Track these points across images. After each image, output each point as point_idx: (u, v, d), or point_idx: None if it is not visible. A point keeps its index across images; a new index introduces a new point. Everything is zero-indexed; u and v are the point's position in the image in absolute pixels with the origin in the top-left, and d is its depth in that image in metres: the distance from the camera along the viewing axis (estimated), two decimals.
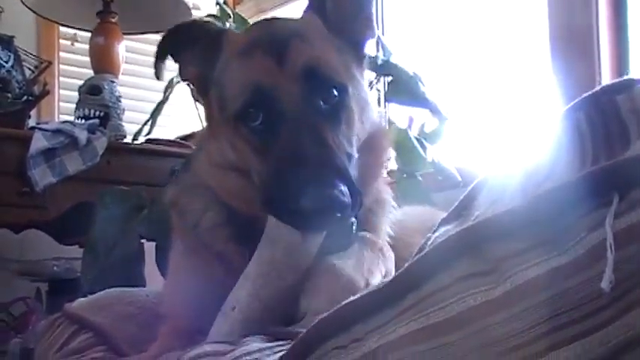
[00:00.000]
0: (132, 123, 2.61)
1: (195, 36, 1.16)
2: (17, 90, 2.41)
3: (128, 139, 2.52)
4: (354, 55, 1.14)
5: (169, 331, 1.10)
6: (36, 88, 2.52)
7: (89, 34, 2.68)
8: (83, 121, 2.43)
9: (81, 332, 1.20)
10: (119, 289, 1.35)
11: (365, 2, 1.16)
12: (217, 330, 0.99)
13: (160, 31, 2.91)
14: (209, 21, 1.19)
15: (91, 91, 2.51)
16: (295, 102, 1.02)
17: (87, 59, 2.69)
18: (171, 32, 1.17)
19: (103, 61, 2.59)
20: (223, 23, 2.14)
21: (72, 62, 3.22)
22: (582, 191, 0.54)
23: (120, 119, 2.53)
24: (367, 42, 1.19)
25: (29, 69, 2.56)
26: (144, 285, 1.80)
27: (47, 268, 2.61)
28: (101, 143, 2.34)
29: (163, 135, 2.59)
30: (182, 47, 1.16)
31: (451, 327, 0.57)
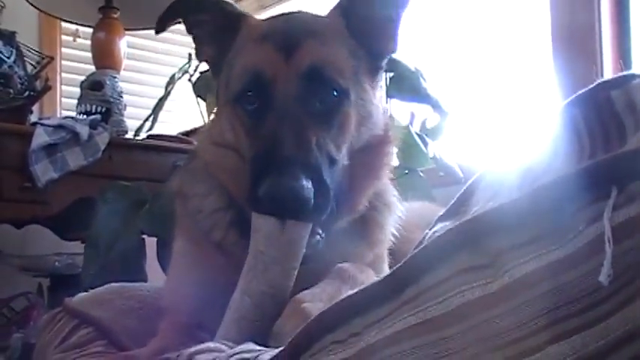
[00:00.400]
0: (133, 118, 2.60)
1: (211, 11, 1.17)
2: (19, 85, 2.41)
3: (130, 135, 2.52)
4: (370, 65, 1.14)
5: (169, 327, 1.10)
6: (38, 84, 2.52)
7: (91, 30, 2.68)
8: (85, 117, 2.43)
9: (81, 327, 1.20)
10: (120, 284, 1.35)
11: (394, 18, 1.16)
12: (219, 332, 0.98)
13: None
14: (231, 3, 1.19)
15: (93, 87, 2.50)
16: (289, 96, 1.03)
17: (89, 55, 2.69)
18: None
19: (105, 57, 2.59)
20: None
21: (74, 58, 3.22)
22: (580, 185, 0.54)
23: (121, 115, 2.52)
24: (388, 55, 1.19)
25: (31, 64, 2.56)
26: (145, 280, 1.80)
27: (49, 264, 2.62)
28: (103, 139, 2.34)
29: (165, 131, 2.59)
30: (194, 16, 1.18)
31: (449, 321, 0.57)
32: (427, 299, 0.59)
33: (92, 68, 2.63)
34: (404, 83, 1.96)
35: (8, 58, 2.45)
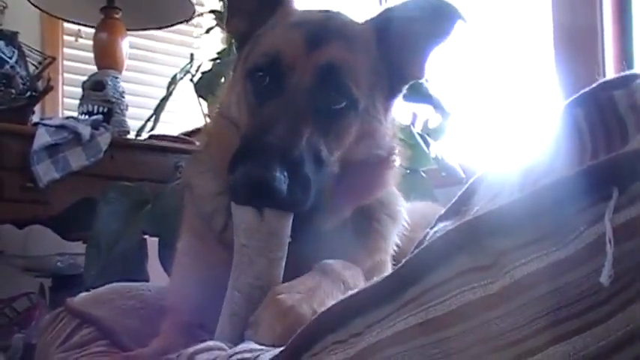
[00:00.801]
0: (135, 119, 2.61)
1: None
2: (21, 86, 2.42)
3: (131, 135, 2.52)
4: (390, 85, 1.13)
5: (171, 326, 1.10)
6: (40, 84, 2.52)
7: (93, 30, 2.69)
8: (87, 117, 2.44)
9: (83, 327, 1.20)
10: (121, 284, 1.35)
11: (427, 48, 1.16)
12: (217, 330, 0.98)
13: (164, 27, 2.94)
14: None
15: (95, 87, 2.51)
16: (300, 87, 1.03)
17: (91, 55, 2.69)
18: None
19: (107, 57, 2.60)
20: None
21: (76, 58, 3.22)
22: (581, 185, 0.54)
23: (123, 115, 2.53)
24: (411, 81, 1.19)
25: (33, 65, 2.56)
26: (147, 280, 1.80)
27: (51, 264, 2.62)
28: (104, 139, 2.35)
29: (167, 131, 2.60)
30: None
31: (451, 321, 0.57)
32: (428, 299, 0.59)
33: (94, 68, 2.64)
34: None
35: (10, 59, 2.46)
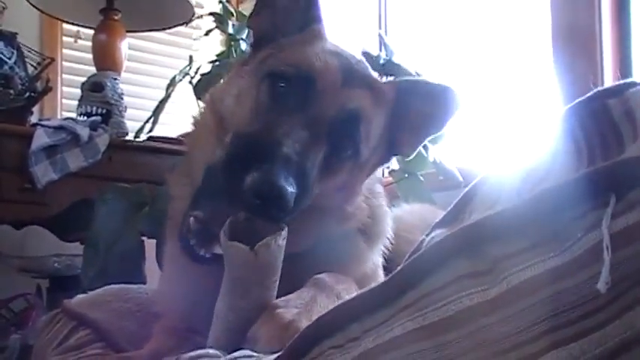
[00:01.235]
0: (134, 120, 2.60)
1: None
2: (20, 86, 2.41)
3: (130, 137, 2.52)
4: (383, 153, 1.15)
5: (162, 330, 1.10)
6: (38, 85, 2.52)
7: (92, 32, 2.69)
8: (85, 118, 2.43)
9: (79, 329, 1.20)
10: (118, 286, 1.35)
11: (427, 133, 1.17)
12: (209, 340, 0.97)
13: (163, 29, 2.94)
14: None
15: (94, 88, 2.51)
16: (322, 114, 1.01)
17: (90, 56, 2.69)
18: None
19: (106, 59, 2.59)
20: (226, 22, 2.14)
21: (75, 59, 3.22)
22: (579, 192, 0.54)
23: (122, 116, 2.52)
24: (399, 155, 1.21)
25: (32, 65, 2.56)
26: (144, 282, 1.80)
27: (48, 265, 2.62)
28: (103, 140, 2.34)
29: (165, 133, 2.59)
30: None
31: (448, 327, 0.57)
32: (426, 305, 0.59)
33: (93, 70, 2.64)
34: None
35: (9, 59, 2.46)
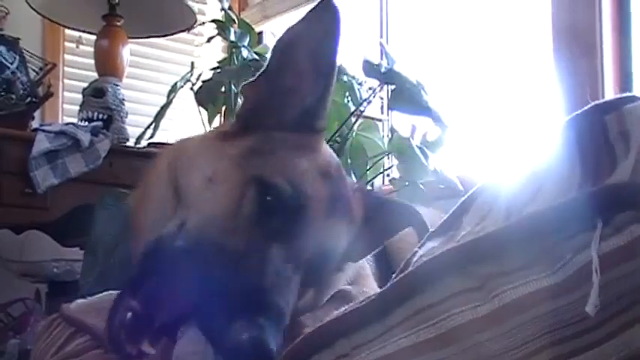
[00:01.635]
0: (135, 126, 2.61)
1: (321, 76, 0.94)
2: (21, 91, 2.42)
3: (131, 142, 2.52)
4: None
5: None
6: (40, 90, 2.52)
7: (94, 37, 2.69)
8: (86, 124, 2.43)
9: (77, 335, 1.20)
10: (117, 292, 1.35)
11: (380, 244, 1.12)
12: None
13: (165, 36, 2.94)
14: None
15: (95, 94, 2.51)
16: (303, 250, 0.89)
17: (91, 62, 2.69)
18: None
19: (108, 64, 2.60)
20: (228, 29, 2.14)
21: (76, 65, 3.23)
22: (567, 215, 0.54)
23: (123, 122, 2.53)
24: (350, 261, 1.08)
25: (34, 71, 2.57)
26: None
27: (47, 270, 2.61)
28: (104, 146, 2.35)
29: (166, 139, 2.59)
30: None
31: (442, 343, 0.57)
32: (418, 322, 0.59)
33: (94, 75, 2.64)
34: (405, 96, 1.96)
35: (11, 64, 2.46)
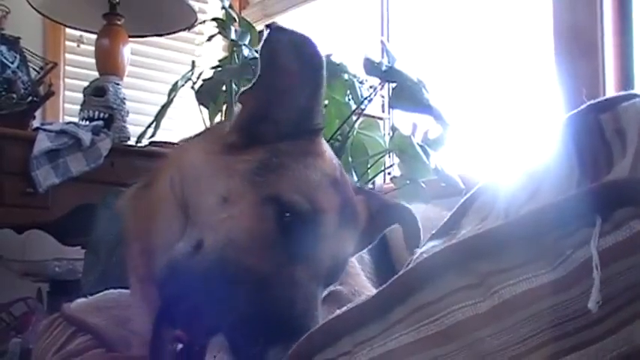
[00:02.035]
0: (136, 125, 2.61)
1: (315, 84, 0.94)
2: (22, 91, 2.42)
3: (132, 142, 2.52)
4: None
5: (142, 343, 1.08)
6: (41, 89, 2.53)
7: (95, 36, 2.69)
8: (87, 123, 2.44)
9: (79, 334, 1.20)
10: (118, 292, 1.34)
11: (374, 240, 1.12)
12: None
13: (165, 34, 2.94)
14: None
15: (96, 93, 2.51)
16: (320, 266, 0.89)
17: (92, 61, 2.69)
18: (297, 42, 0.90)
19: (108, 63, 2.60)
20: (229, 27, 2.14)
21: (77, 64, 3.23)
22: (567, 212, 0.55)
23: (124, 121, 2.53)
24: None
25: (35, 70, 2.57)
26: None
27: (49, 269, 2.61)
28: (105, 145, 2.35)
29: (167, 138, 2.60)
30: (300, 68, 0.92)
31: (443, 339, 0.58)
32: (419, 319, 0.59)
33: (95, 74, 2.64)
34: (406, 94, 1.96)
35: (12, 64, 2.47)
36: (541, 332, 0.54)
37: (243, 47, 2.08)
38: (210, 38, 2.37)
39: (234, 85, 2.08)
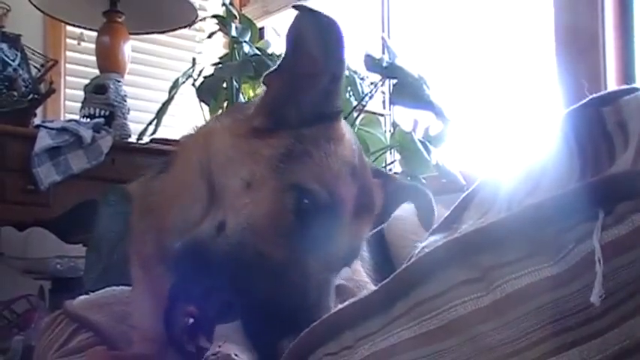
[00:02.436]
0: (137, 122, 2.61)
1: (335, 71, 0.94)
2: (23, 88, 2.42)
3: (133, 139, 2.52)
4: None
5: (143, 339, 1.08)
6: (42, 87, 2.52)
7: (95, 34, 2.69)
8: (88, 120, 2.44)
9: (81, 331, 1.20)
10: (120, 288, 1.35)
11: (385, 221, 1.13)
12: None
13: (166, 32, 2.94)
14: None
15: (97, 90, 2.51)
16: (335, 255, 0.91)
17: (93, 58, 2.69)
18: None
19: (109, 61, 2.60)
20: (229, 24, 2.14)
21: (78, 61, 3.23)
22: (568, 205, 0.55)
23: (125, 118, 2.53)
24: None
25: (35, 67, 2.57)
26: None
27: (50, 266, 2.62)
28: (106, 142, 2.35)
29: (168, 135, 2.60)
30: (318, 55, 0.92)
31: (445, 334, 0.58)
32: (421, 313, 0.59)
33: (96, 72, 2.64)
34: (407, 90, 1.96)
35: (13, 61, 2.46)
36: (542, 327, 0.53)
37: (243, 44, 2.08)
38: (210, 35, 2.38)
39: (234, 82, 2.08)
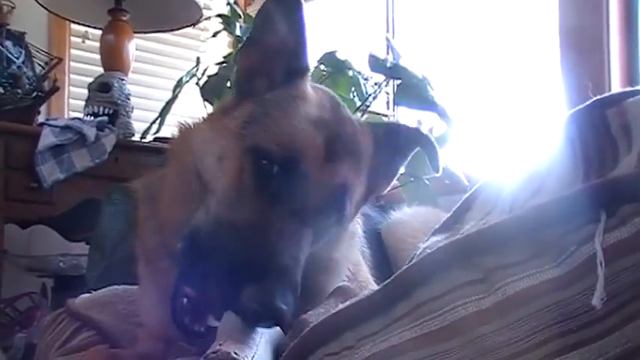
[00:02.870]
0: (140, 121, 2.61)
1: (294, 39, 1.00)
2: (27, 86, 2.43)
3: (136, 137, 2.53)
4: (365, 197, 1.08)
5: (148, 336, 1.08)
6: (46, 85, 2.53)
7: (100, 32, 2.70)
8: (92, 118, 2.44)
9: (83, 330, 1.20)
10: (122, 287, 1.35)
11: (399, 167, 1.14)
12: None
13: (170, 31, 2.95)
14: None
15: (101, 89, 2.51)
16: (309, 201, 0.92)
17: (97, 57, 2.70)
18: None
19: (113, 59, 2.60)
20: (234, 24, 2.14)
21: (82, 59, 3.23)
22: (571, 208, 0.54)
23: (129, 117, 2.53)
24: (377, 194, 1.15)
25: (40, 65, 2.57)
26: None
27: (53, 264, 2.62)
28: (109, 140, 2.35)
29: (172, 134, 2.60)
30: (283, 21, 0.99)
31: (447, 335, 0.58)
32: (422, 314, 0.59)
33: (100, 70, 2.64)
34: (411, 91, 1.96)
35: (17, 59, 2.47)
36: (544, 329, 0.53)
37: None
38: (215, 34, 2.37)
39: None
